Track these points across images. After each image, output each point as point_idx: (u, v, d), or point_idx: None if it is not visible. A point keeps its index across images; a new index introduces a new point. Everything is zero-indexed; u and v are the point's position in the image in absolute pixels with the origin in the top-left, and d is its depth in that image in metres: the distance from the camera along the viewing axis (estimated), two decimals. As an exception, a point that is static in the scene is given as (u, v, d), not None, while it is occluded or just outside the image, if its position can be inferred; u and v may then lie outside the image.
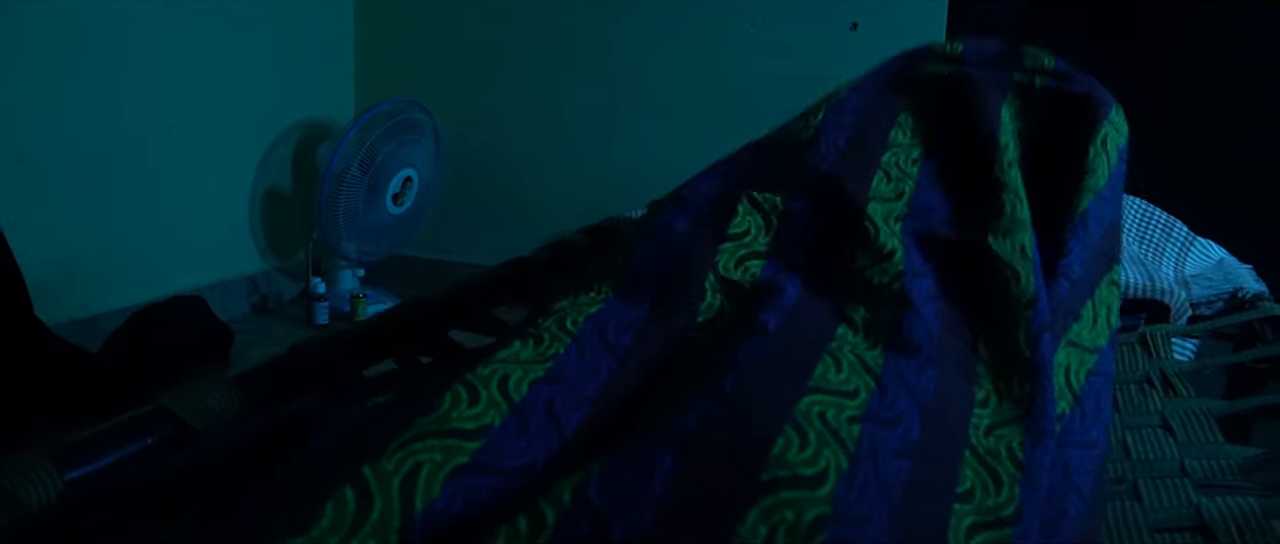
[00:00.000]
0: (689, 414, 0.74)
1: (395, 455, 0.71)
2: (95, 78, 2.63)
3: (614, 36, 3.23)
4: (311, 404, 0.96)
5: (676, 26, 3.15)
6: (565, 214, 3.37)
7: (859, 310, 0.97)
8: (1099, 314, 1.07)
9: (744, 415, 0.76)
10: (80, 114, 2.61)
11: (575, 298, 0.97)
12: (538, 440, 0.78)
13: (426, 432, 0.73)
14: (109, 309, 2.71)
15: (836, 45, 3.00)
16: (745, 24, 3.08)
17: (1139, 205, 1.91)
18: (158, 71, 2.80)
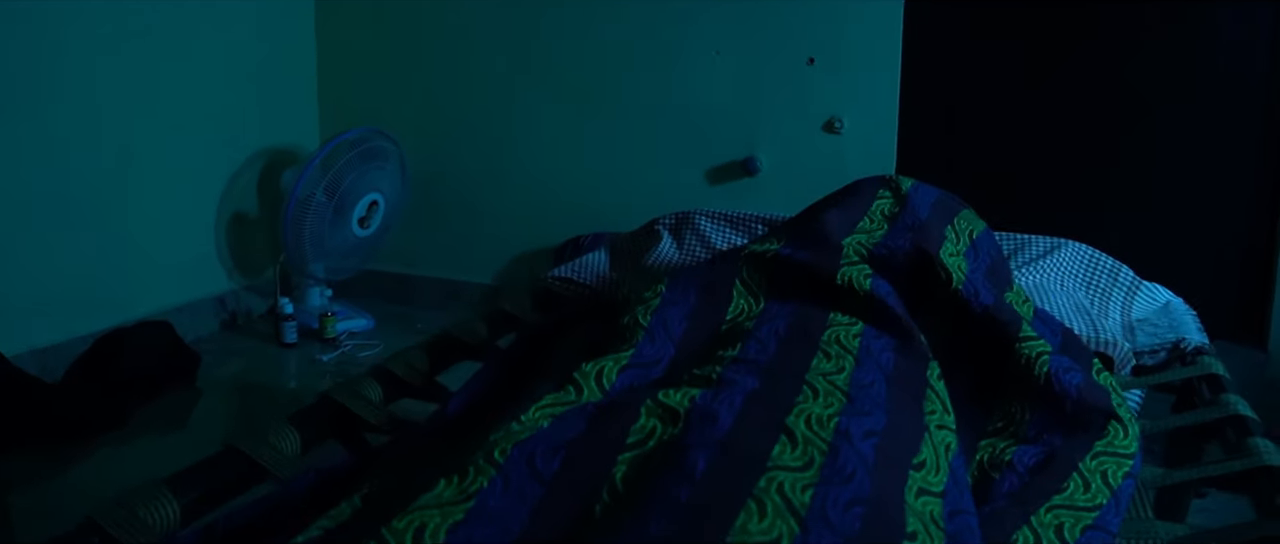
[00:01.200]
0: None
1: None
2: (55, 112, 2.62)
3: (574, 61, 3.23)
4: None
5: (636, 53, 3.15)
6: (527, 230, 3.39)
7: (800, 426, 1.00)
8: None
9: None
10: (38, 148, 2.60)
11: (508, 428, 0.98)
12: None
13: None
14: (75, 336, 2.70)
15: (793, 78, 3.01)
16: (704, 52, 3.08)
17: (1085, 252, 1.94)
18: (121, 105, 2.79)
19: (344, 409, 1.29)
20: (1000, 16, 2.88)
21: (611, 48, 3.18)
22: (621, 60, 3.18)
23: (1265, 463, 1.19)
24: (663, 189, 3.20)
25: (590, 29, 3.19)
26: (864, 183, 1.74)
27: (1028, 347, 1.34)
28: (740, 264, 1.46)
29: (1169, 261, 2.82)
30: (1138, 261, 2.78)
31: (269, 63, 3.33)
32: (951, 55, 2.93)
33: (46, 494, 2.14)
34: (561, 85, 3.26)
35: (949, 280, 1.43)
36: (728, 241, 2.08)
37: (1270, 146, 2.69)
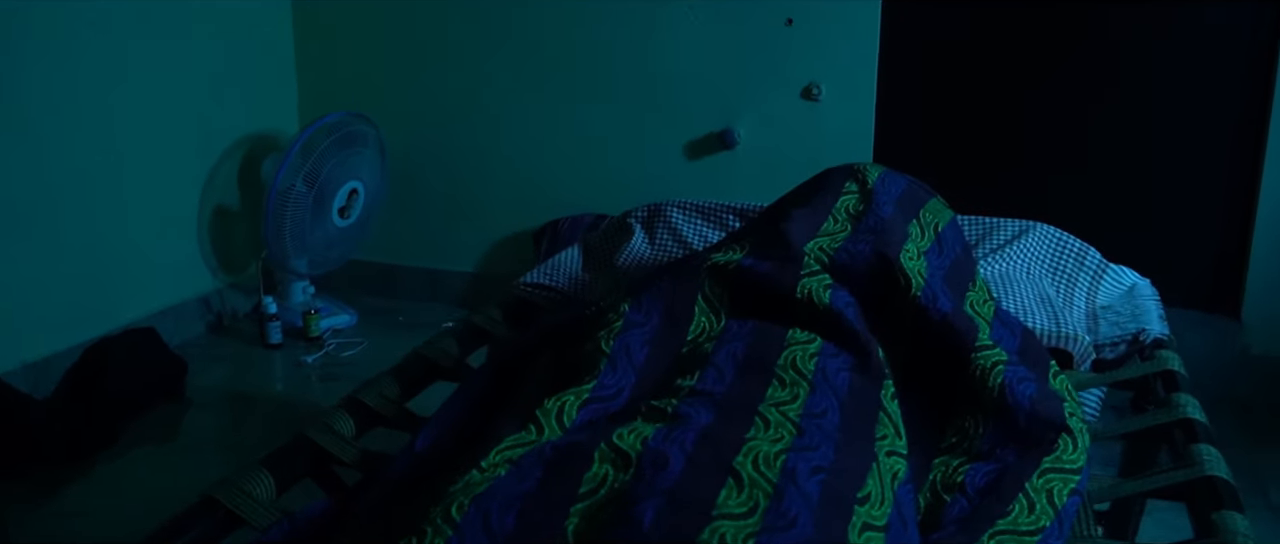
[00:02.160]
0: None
1: None
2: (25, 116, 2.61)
3: (550, 39, 3.22)
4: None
5: (612, 27, 3.15)
6: (507, 214, 3.41)
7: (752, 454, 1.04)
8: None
9: None
10: (13, 155, 2.59)
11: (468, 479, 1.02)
12: None
13: None
14: (64, 347, 2.73)
15: (770, 41, 3.01)
16: (679, 14, 3.07)
17: (1052, 236, 1.96)
18: (92, 103, 2.78)
19: (318, 446, 1.32)
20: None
21: (586, 24, 3.17)
22: (597, 35, 3.17)
23: (1207, 474, 1.22)
24: (642, 167, 3.22)
25: (565, 5, 3.18)
26: (832, 175, 1.76)
27: (983, 357, 1.37)
28: (703, 277, 1.48)
29: (1145, 231, 2.86)
30: (1115, 230, 2.83)
31: (246, 47, 3.32)
32: (930, 21, 2.93)
33: (44, 519, 2.18)
34: (538, 65, 3.26)
35: (908, 287, 1.46)
36: (699, 234, 2.11)
37: (1248, 117, 2.71)
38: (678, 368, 1.33)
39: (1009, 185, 2.98)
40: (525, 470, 1.04)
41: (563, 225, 3.22)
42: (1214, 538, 1.11)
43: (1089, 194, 2.89)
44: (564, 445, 1.09)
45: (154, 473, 2.39)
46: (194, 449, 2.53)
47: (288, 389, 2.91)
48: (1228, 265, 2.82)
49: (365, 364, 3.02)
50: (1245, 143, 2.72)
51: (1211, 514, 1.14)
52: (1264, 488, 2.34)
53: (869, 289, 1.48)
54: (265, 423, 2.69)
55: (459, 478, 1.04)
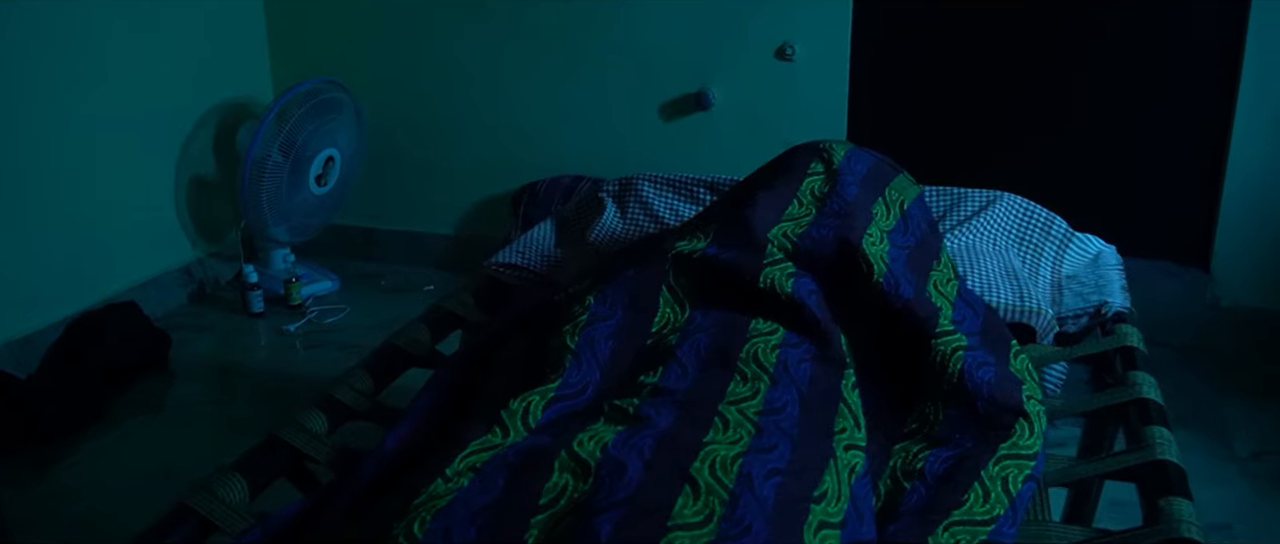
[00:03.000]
0: None
1: None
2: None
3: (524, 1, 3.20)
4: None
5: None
6: (485, 177, 3.41)
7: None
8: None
9: None
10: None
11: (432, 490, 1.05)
12: None
13: None
14: (46, 324, 2.75)
15: (745, 1, 3.00)
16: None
17: (1019, 206, 1.98)
18: (64, 75, 2.76)
19: (291, 446, 1.35)
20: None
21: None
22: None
23: (1157, 458, 1.26)
24: (618, 129, 3.22)
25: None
26: (799, 154, 1.76)
27: (943, 343, 1.40)
28: (668, 267, 1.50)
29: (1119, 185, 2.88)
30: (1089, 186, 2.85)
31: (217, 15, 3.29)
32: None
33: (36, 498, 2.21)
34: (512, 28, 3.24)
35: (870, 273, 1.48)
36: (671, 208, 2.12)
37: (1220, 71, 2.71)
38: (642, 362, 1.35)
39: (984, 142, 2.99)
40: (487, 480, 1.06)
41: (540, 188, 3.23)
42: (1160, 524, 1.14)
43: (1064, 150, 2.90)
44: (527, 450, 1.12)
45: (143, 448, 2.42)
46: (181, 423, 2.56)
47: (272, 358, 2.93)
48: (1198, 218, 2.85)
49: (348, 331, 3.05)
50: (1216, 101, 2.73)
51: (1158, 501, 1.18)
52: (1229, 439, 2.40)
53: (832, 274, 1.51)
54: (251, 394, 2.71)
55: (424, 487, 1.07)
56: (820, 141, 1.77)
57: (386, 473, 1.28)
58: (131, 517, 2.09)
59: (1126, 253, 2.80)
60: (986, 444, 1.30)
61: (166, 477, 2.27)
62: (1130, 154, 2.86)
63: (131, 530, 2.01)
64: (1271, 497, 2.17)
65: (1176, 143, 2.82)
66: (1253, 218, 2.75)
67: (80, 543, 2.04)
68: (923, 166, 2.97)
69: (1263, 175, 2.71)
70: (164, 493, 2.17)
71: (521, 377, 1.38)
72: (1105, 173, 2.88)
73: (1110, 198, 2.90)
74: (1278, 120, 2.66)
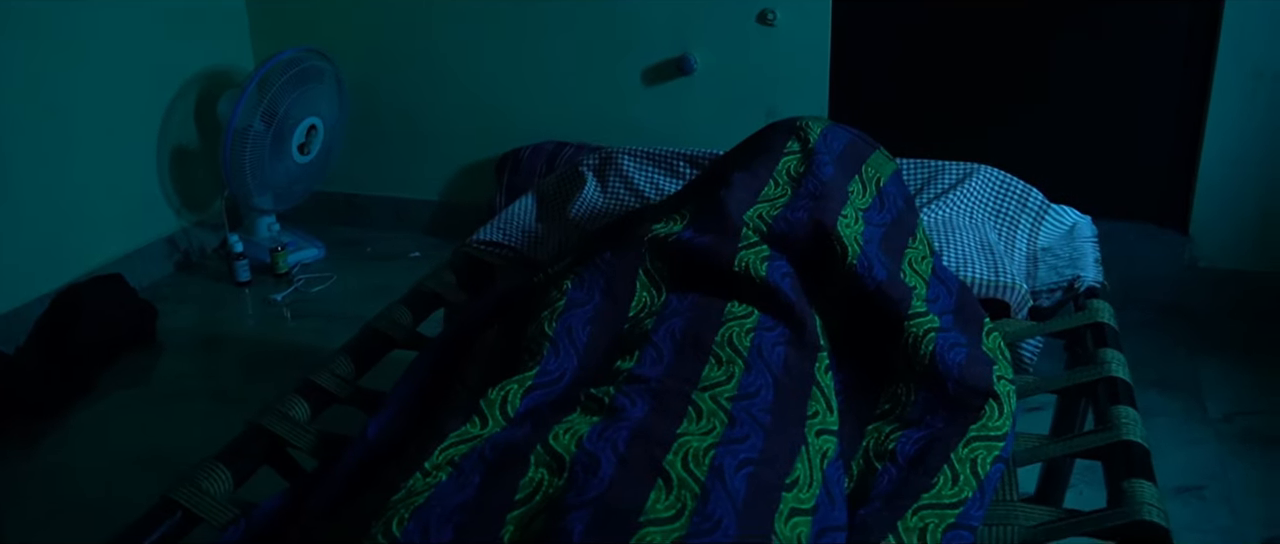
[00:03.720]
0: None
1: None
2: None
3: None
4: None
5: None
6: (469, 143, 3.41)
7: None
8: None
9: None
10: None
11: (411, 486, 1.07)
12: None
13: None
14: (33, 298, 2.75)
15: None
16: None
17: (996, 178, 2.00)
18: (42, 46, 2.75)
19: (274, 434, 1.37)
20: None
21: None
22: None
23: (1122, 438, 1.29)
24: (600, 94, 3.22)
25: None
26: (775, 132, 1.77)
27: (915, 325, 1.43)
28: (645, 251, 1.52)
29: (1099, 148, 2.89)
30: (1070, 149, 2.86)
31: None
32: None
33: (26, 476, 2.24)
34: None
35: (844, 255, 1.50)
36: (651, 182, 2.13)
37: (1197, 31, 2.72)
38: (618, 347, 1.38)
39: (965, 104, 3.00)
40: (464, 476, 1.09)
41: (523, 155, 3.23)
42: (1122, 506, 1.17)
43: (1045, 113, 2.91)
44: (503, 443, 1.14)
45: (131, 423, 2.45)
46: (170, 396, 2.58)
47: (259, 328, 2.95)
48: (1177, 180, 2.86)
49: (335, 299, 3.07)
50: (1194, 64, 2.74)
51: (1122, 482, 1.21)
52: (1203, 400, 2.44)
53: (807, 256, 1.52)
54: (239, 365, 2.73)
55: (403, 483, 1.09)
56: (797, 119, 1.78)
57: (368, 461, 1.30)
58: (121, 494, 2.13)
59: (1106, 215, 2.83)
60: (956, 426, 1.32)
61: (155, 453, 2.29)
62: (1110, 117, 2.87)
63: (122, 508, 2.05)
64: (1243, 457, 2.21)
65: (1156, 105, 2.83)
66: (1231, 179, 2.77)
67: (71, 521, 2.06)
68: (903, 131, 2.99)
69: (1241, 137, 2.73)
70: (153, 470, 2.22)
71: (500, 363, 1.40)
72: (1086, 136, 2.89)
73: (1091, 161, 2.91)
74: (1255, 84, 2.66)
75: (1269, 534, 1.97)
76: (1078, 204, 2.10)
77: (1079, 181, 2.91)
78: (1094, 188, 2.92)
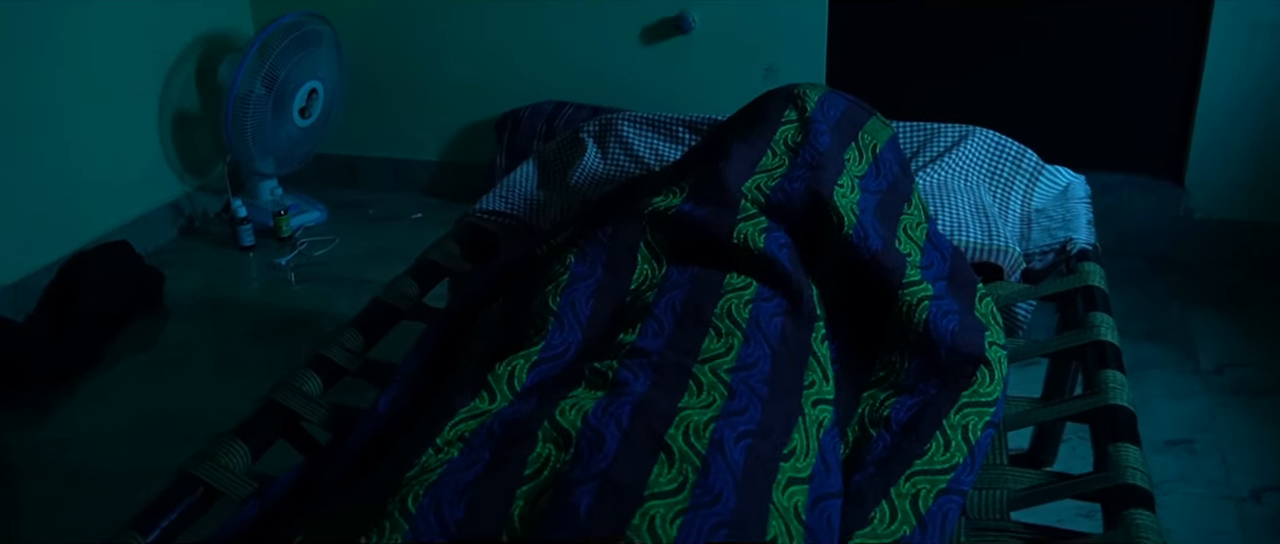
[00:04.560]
0: None
1: None
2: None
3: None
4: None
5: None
6: (469, 103, 3.42)
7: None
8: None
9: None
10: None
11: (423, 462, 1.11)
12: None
13: None
14: (40, 266, 2.79)
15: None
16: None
17: (991, 140, 2.02)
18: (41, 16, 2.75)
19: (287, 408, 1.41)
20: None
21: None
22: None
23: (1109, 402, 1.33)
24: (598, 53, 3.22)
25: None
26: (773, 101, 1.79)
27: (909, 293, 1.46)
28: (645, 224, 1.55)
29: (1096, 100, 2.90)
30: (1066, 101, 2.87)
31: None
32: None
33: (39, 445, 2.28)
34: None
35: (840, 225, 1.53)
36: (651, 148, 2.15)
37: None
38: (620, 320, 1.41)
39: (963, 58, 3.00)
40: (474, 452, 1.13)
41: (523, 115, 3.24)
42: (1108, 470, 1.21)
43: (1042, 65, 2.92)
44: (511, 419, 1.18)
45: (141, 391, 2.49)
46: (177, 362, 2.62)
47: (264, 293, 2.99)
48: (1173, 132, 2.88)
49: (338, 262, 3.10)
50: (1191, 15, 2.74)
51: (1108, 446, 1.25)
52: (1195, 353, 2.48)
53: (804, 226, 1.56)
54: (245, 330, 2.77)
55: (416, 459, 1.13)
56: (794, 87, 1.79)
57: (380, 434, 1.35)
58: (134, 462, 2.18)
59: (1103, 167, 2.86)
60: (948, 392, 1.37)
61: (165, 419, 2.34)
62: (1107, 69, 2.88)
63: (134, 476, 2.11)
64: (1234, 410, 2.25)
65: (1153, 58, 2.84)
66: (1227, 131, 2.79)
67: (85, 489, 2.11)
68: (902, 88, 3.00)
69: (1237, 88, 2.74)
70: (164, 437, 2.27)
71: (505, 337, 1.44)
72: (1083, 88, 2.91)
73: (1087, 113, 2.93)
74: (1252, 34, 2.67)
75: (1259, 484, 2.02)
76: (1074, 157, 2.12)
77: (1076, 134, 2.94)
78: (1090, 140, 2.95)
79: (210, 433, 2.16)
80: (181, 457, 1.80)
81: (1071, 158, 2.24)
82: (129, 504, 2.04)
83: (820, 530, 1.10)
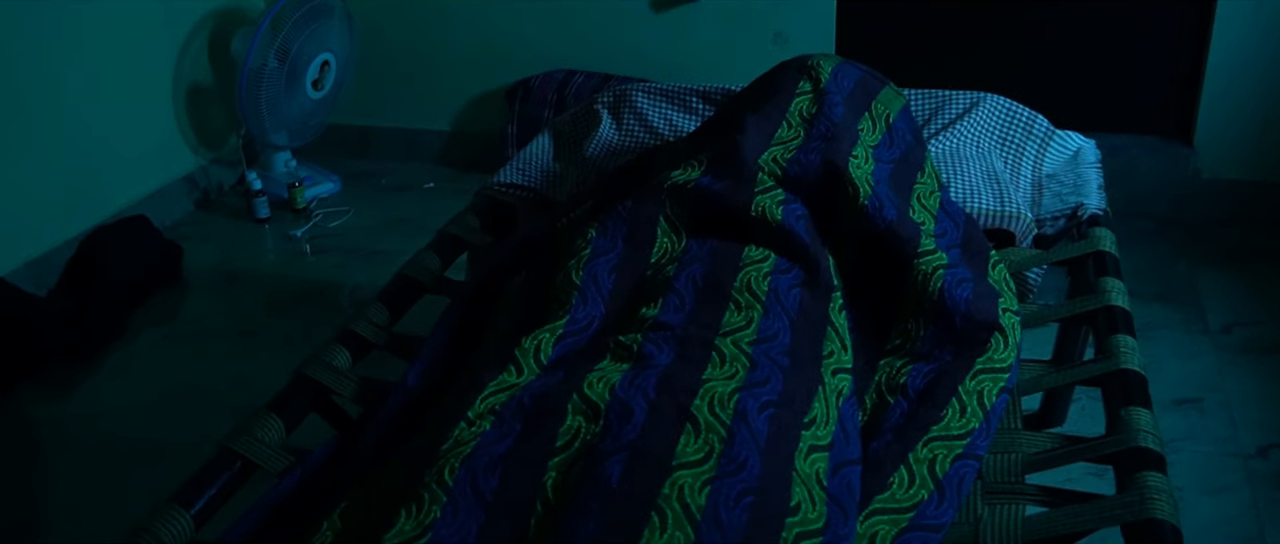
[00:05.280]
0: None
1: None
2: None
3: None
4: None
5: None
6: (479, 72, 3.44)
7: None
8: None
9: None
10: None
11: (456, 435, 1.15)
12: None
13: None
14: (61, 241, 2.82)
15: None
16: None
17: (1002, 107, 2.03)
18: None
19: (318, 383, 1.45)
20: None
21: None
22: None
23: (1120, 366, 1.36)
24: (609, 20, 3.23)
25: None
26: (787, 72, 1.81)
27: (924, 262, 1.49)
28: (664, 197, 1.58)
29: (1105, 62, 2.91)
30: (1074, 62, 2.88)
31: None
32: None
33: (66, 419, 2.32)
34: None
35: (856, 196, 1.56)
36: (665, 119, 2.17)
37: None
38: (642, 294, 1.45)
39: (974, 22, 3.01)
40: (506, 425, 1.17)
41: (534, 83, 3.26)
42: (1119, 433, 1.25)
43: (1052, 27, 2.93)
44: (540, 392, 1.22)
45: (164, 363, 2.54)
46: (198, 334, 2.67)
47: (282, 265, 3.02)
48: (1182, 93, 2.89)
49: (353, 233, 3.14)
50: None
51: (1120, 410, 1.28)
52: (1203, 312, 2.51)
53: (820, 197, 1.58)
54: (264, 302, 2.81)
55: (449, 432, 1.17)
56: (807, 58, 1.81)
57: (410, 407, 1.39)
58: (160, 433, 2.23)
59: (1112, 129, 2.88)
60: (964, 359, 1.40)
61: (189, 391, 2.39)
62: (1116, 31, 2.89)
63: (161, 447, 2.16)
64: (1241, 368, 2.29)
65: (1161, 18, 2.85)
66: (1235, 91, 2.80)
67: (113, 460, 2.16)
68: (912, 52, 3.01)
69: (1245, 48, 2.75)
70: (189, 408, 2.31)
71: (529, 310, 1.48)
72: (1091, 50, 2.92)
73: (1096, 75, 2.94)
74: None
75: (1265, 441, 2.06)
76: (1083, 118, 2.13)
77: (1085, 95, 2.95)
78: (1099, 101, 2.96)
79: (234, 403, 2.26)
80: (207, 427, 1.85)
81: (1080, 119, 2.26)
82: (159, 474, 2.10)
83: (841, 496, 1.14)
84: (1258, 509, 1.88)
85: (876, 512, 1.18)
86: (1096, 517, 1.13)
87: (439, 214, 3.09)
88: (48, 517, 2.05)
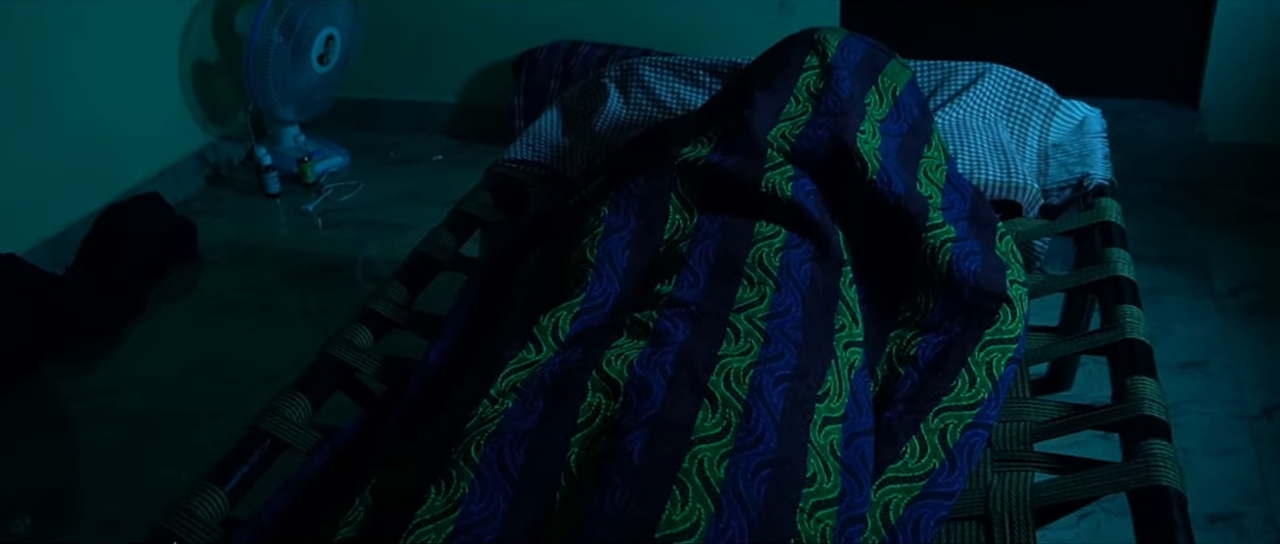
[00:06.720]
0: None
1: None
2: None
3: None
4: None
5: None
6: (485, 43, 3.44)
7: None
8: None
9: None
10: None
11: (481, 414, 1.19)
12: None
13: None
14: (77, 219, 2.85)
15: None
16: None
17: (1007, 77, 2.05)
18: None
19: (342, 362, 1.48)
20: None
21: None
22: None
23: (1127, 336, 1.39)
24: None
25: None
26: (794, 47, 1.82)
27: (933, 236, 1.52)
28: (676, 174, 1.60)
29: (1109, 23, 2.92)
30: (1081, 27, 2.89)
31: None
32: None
33: (90, 394, 2.37)
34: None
35: (864, 170, 1.58)
36: (673, 92, 2.18)
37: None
38: (655, 271, 1.48)
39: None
40: (529, 401, 1.20)
41: (540, 54, 3.27)
42: (1126, 402, 1.28)
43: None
44: (560, 369, 1.25)
45: (184, 338, 2.57)
46: (216, 309, 2.70)
47: (294, 240, 3.05)
48: (1188, 57, 2.90)
49: (364, 207, 3.16)
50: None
51: (1126, 379, 1.32)
52: (1210, 275, 2.54)
53: (829, 173, 1.61)
54: (279, 276, 2.84)
55: (473, 410, 1.20)
56: (814, 32, 1.83)
57: (433, 384, 1.42)
58: (183, 406, 2.27)
59: (1118, 93, 2.88)
60: (973, 330, 1.43)
61: (209, 365, 2.43)
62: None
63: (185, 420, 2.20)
64: (1247, 331, 2.32)
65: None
66: (1241, 54, 2.81)
67: (138, 434, 2.20)
68: (917, 19, 3.01)
69: (1252, 11, 2.75)
70: (212, 382, 2.36)
71: (545, 288, 1.51)
72: (1097, 14, 2.92)
73: (1102, 39, 2.94)
74: (1267, -43, 2.68)
75: (1270, 403, 2.10)
76: (1089, 83, 2.14)
77: (1091, 60, 2.96)
78: (1105, 66, 2.96)
79: (255, 375, 2.28)
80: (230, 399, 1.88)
81: (1086, 84, 2.27)
82: (183, 445, 2.14)
83: (855, 466, 1.17)
84: (1262, 470, 1.92)
85: (889, 480, 1.21)
86: (1103, 483, 1.16)
87: (448, 186, 3.15)
88: (78, 486, 2.10)
